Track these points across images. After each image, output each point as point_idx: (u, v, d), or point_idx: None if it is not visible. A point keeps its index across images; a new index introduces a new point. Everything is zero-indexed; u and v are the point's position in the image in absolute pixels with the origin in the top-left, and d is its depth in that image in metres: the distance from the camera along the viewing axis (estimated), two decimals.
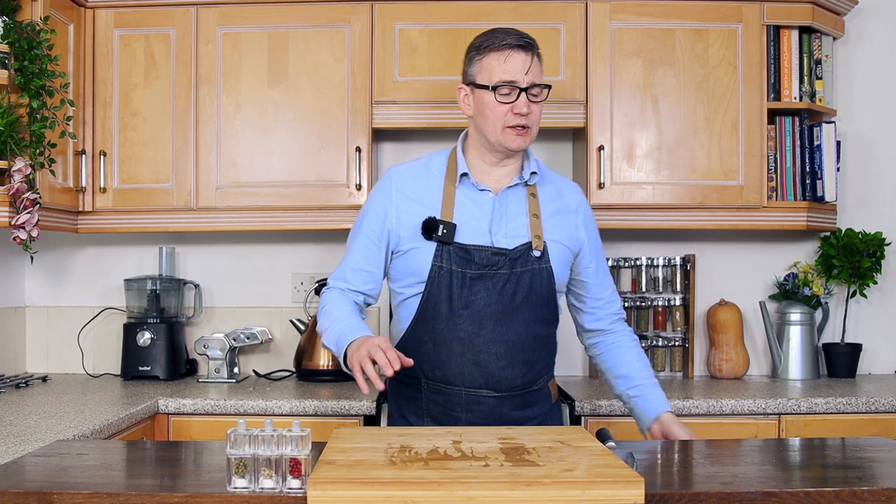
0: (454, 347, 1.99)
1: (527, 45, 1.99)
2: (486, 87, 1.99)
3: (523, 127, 2.01)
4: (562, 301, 2.17)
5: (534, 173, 2.08)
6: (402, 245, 2.04)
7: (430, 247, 1.99)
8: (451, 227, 1.99)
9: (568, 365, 3.34)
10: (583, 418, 2.71)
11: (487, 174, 2.07)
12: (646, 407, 2.11)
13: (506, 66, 1.98)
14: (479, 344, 1.99)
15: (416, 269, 2.01)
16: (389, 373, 1.77)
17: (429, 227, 2.00)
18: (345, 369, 1.93)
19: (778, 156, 3.07)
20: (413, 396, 2.07)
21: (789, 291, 3.24)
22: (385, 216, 2.05)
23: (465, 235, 2.00)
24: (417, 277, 2.02)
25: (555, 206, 2.10)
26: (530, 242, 2.02)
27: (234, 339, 3.16)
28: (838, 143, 3.12)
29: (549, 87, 2.03)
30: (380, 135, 3.21)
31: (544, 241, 2.03)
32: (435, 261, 1.99)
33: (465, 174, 2.05)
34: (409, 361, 1.78)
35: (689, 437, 2.00)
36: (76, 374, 3.31)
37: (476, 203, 2.04)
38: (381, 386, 1.78)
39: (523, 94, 1.98)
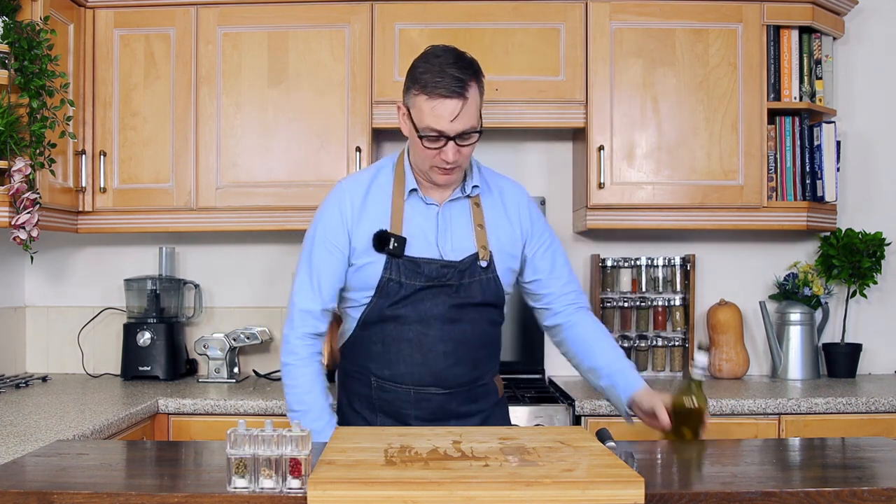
0: (403, 349, 2.03)
1: (459, 92, 1.90)
2: (415, 127, 1.96)
3: (451, 167, 1.98)
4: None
5: (475, 186, 2.07)
6: (357, 259, 2.05)
7: (381, 259, 2.02)
8: (402, 241, 2.01)
9: (568, 365, 3.33)
10: (583, 418, 2.71)
11: (432, 186, 2.07)
12: (621, 392, 2.04)
13: (434, 113, 1.91)
14: (426, 343, 2.02)
15: (369, 280, 2.04)
16: None
17: (381, 240, 2.01)
18: None
19: (778, 156, 3.07)
20: (364, 393, 2.10)
21: (789, 291, 3.24)
22: (344, 230, 2.05)
23: (415, 248, 2.02)
24: (369, 290, 2.04)
25: (498, 214, 2.10)
26: (477, 253, 2.04)
27: (234, 339, 3.16)
28: (838, 143, 3.12)
29: (479, 132, 1.97)
30: (380, 135, 3.20)
31: (490, 252, 2.05)
32: (385, 272, 2.01)
33: (413, 190, 2.05)
34: None
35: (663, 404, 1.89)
36: (76, 374, 3.31)
37: (423, 216, 2.05)
38: None
39: (451, 142, 1.93)
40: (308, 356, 2.06)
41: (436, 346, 2.02)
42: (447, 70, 1.91)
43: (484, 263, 2.04)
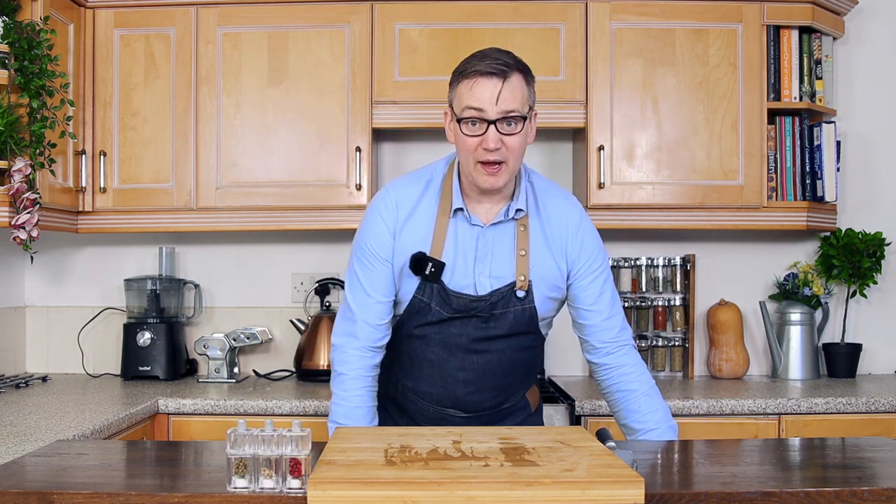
0: (425, 367, 2.01)
1: (499, 70, 1.82)
2: (457, 120, 1.86)
3: (496, 163, 1.84)
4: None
5: (519, 210, 1.95)
6: (396, 272, 1.99)
7: (416, 278, 1.95)
8: (440, 266, 1.92)
9: (568, 365, 3.34)
10: (583, 418, 2.71)
11: (478, 202, 1.96)
12: None
13: (472, 94, 1.82)
14: (447, 369, 1.99)
15: (403, 296, 1.99)
16: None
17: (417, 264, 1.93)
18: None
19: (778, 156, 3.07)
20: (392, 394, 2.10)
21: (789, 291, 3.24)
22: (392, 241, 1.97)
23: (451, 275, 1.94)
24: (402, 304, 2.00)
25: (543, 242, 1.98)
26: (514, 282, 1.95)
27: (234, 339, 3.16)
28: (838, 143, 3.12)
29: (524, 117, 1.85)
30: (380, 135, 3.21)
31: (529, 281, 1.95)
32: (417, 293, 1.96)
33: (459, 209, 1.95)
34: None
35: None
36: (76, 374, 3.31)
37: (466, 238, 1.95)
38: None
39: (492, 126, 1.82)
40: (364, 369, 1.99)
41: (455, 374, 1.99)
42: (489, 54, 1.85)
43: (521, 293, 1.95)
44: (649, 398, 2.01)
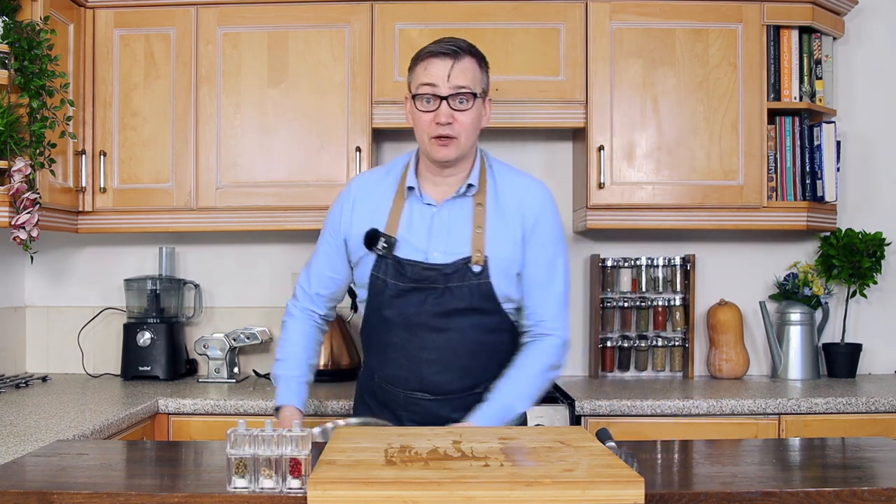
0: (390, 352, 2.06)
1: (451, 51, 1.98)
2: (412, 97, 2.02)
3: (448, 137, 1.98)
4: None
5: (470, 185, 2.04)
6: (354, 255, 2.10)
7: (373, 257, 2.05)
8: (392, 241, 2.03)
9: (568, 365, 3.32)
10: (583, 418, 2.71)
11: (434, 184, 2.07)
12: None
13: (426, 72, 1.99)
14: (411, 350, 2.04)
15: (363, 277, 2.09)
16: None
17: (370, 239, 2.04)
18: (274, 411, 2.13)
19: (778, 156, 3.07)
20: (370, 387, 2.16)
21: (789, 291, 3.24)
22: (341, 226, 2.11)
23: (403, 250, 2.03)
24: (364, 287, 2.10)
25: (501, 216, 2.04)
26: (470, 257, 2.00)
27: (234, 339, 3.16)
28: (838, 143, 3.12)
29: (475, 94, 1.99)
30: (380, 135, 3.20)
31: (485, 256, 2.00)
32: (374, 270, 2.05)
33: (411, 188, 2.06)
34: None
35: None
36: (76, 374, 3.31)
37: (419, 217, 2.05)
38: None
39: (444, 102, 1.97)
40: (302, 318, 2.20)
41: (419, 354, 2.03)
42: (444, 40, 2.03)
43: (477, 268, 1.99)
44: (519, 370, 2.02)
